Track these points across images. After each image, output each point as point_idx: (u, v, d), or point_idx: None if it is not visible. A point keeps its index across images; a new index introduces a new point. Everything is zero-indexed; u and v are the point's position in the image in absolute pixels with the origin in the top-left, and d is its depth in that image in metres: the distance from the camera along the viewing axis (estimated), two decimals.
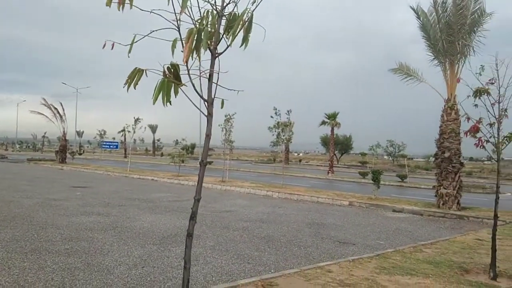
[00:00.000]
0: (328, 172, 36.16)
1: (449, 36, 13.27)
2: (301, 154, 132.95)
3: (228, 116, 21.57)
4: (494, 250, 5.58)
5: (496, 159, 5.68)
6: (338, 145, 76.78)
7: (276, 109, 21.15)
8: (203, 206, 12.31)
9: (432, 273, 5.51)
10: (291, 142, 23.42)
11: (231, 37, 2.81)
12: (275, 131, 21.45)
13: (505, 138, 5.40)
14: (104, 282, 5.02)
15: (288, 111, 21.77)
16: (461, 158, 13.86)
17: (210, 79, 2.87)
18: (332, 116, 38.26)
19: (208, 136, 2.94)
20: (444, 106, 13.77)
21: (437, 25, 13.86)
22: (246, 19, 2.73)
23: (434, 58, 14.22)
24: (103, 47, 2.67)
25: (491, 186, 28.49)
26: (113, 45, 2.68)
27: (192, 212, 2.93)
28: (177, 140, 39.10)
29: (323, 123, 38.99)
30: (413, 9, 14.65)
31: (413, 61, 17.32)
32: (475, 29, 13.52)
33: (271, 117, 21.23)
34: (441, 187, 13.63)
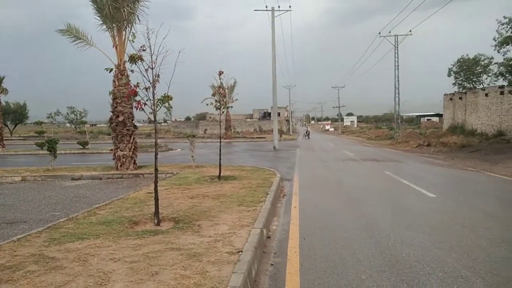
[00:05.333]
0: None
1: (115, 2, 13.56)
2: None
3: None
4: (156, 199, 6.33)
5: (153, 120, 6.33)
6: (9, 115, 67.08)
7: None
8: None
9: (103, 232, 5.73)
10: None
11: None
12: None
13: (159, 101, 6.08)
14: None
15: None
16: (135, 121, 14.87)
17: None
18: None
19: None
20: (115, 71, 14.20)
21: None
22: None
23: (102, 23, 14.26)
24: None
25: (165, 145, 32.34)
26: None
27: None
28: None
29: None
30: None
31: (89, 25, 16.82)
32: None
33: None
34: (118, 150, 14.29)
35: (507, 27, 18.99)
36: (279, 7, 30.97)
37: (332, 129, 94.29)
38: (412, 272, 4.57)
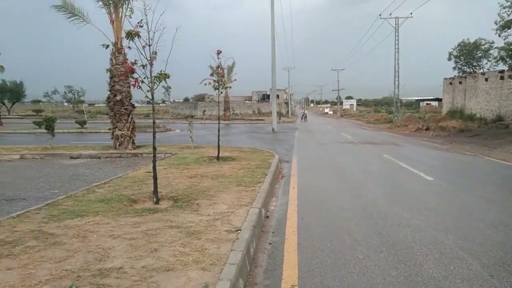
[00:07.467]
0: None
1: None
2: None
3: None
4: (155, 178, 6.32)
5: (151, 98, 6.26)
6: (6, 93, 66.55)
7: None
8: None
9: (103, 210, 5.74)
10: None
11: None
12: None
13: (156, 78, 6.01)
14: None
15: None
16: (132, 100, 14.77)
17: None
18: None
19: None
20: (112, 49, 14.02)
21: None
22: None
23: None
24: None
25: (164, 125, 32.27)
26: None
27: None
28: None
29: None
30: None
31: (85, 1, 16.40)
32: None
33: None
34: (116, 129, 14.23)
35: (509, 11, 18.67)
36: None
37: (331, 112, 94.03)
38: (409, 253, 4.60)
